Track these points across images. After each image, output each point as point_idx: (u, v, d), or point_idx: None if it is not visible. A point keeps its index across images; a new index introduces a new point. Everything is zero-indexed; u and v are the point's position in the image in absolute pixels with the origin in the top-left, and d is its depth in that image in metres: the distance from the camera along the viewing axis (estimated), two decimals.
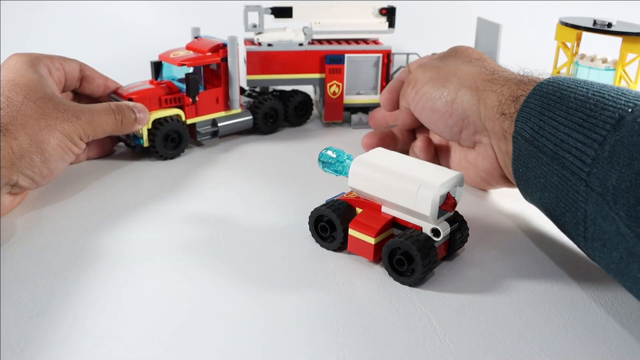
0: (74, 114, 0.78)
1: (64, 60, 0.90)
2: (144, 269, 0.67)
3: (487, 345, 0.56)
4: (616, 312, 0.61)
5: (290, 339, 0.56)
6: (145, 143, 0.94)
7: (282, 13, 1.10)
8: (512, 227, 0.78)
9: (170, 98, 0.95)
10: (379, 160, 0.69)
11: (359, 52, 1.10)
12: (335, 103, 1.13)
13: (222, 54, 0.99)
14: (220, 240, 0.73)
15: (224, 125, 1.03)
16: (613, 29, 0.92)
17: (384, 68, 1.12)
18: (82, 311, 0.59)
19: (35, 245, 0.71)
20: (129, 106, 0.88)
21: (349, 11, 1.13)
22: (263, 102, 1.07)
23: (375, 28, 1.14)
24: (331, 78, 1.10)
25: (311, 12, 1.11)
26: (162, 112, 0.94)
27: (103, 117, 0.83)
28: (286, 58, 1.09)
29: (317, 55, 1.10)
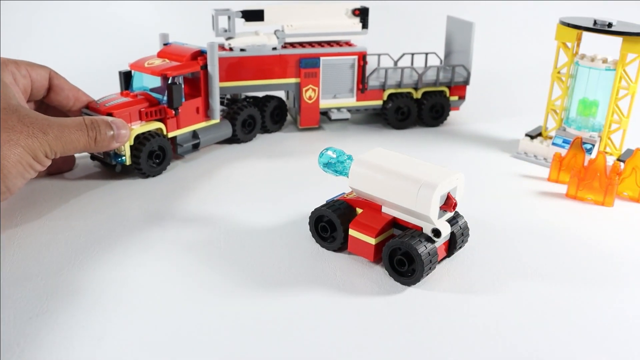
0: (40, 128, 0.71)
1: (31, 66, 0.83)
2: (144, 269, 0.67)
3: (487, 345, 0.56)
4: (616, 312, 0.61)
5: (290, 339, 0.56)
6: (128, 161, 0.86)
7: (253, 16, 1.06)
8: (512, 227, 0.78)
9: (151, 111, 0.88)
10: (379, 160, 0.69)
11: (335, 55, 1.08)
12: (312, 108, 1.10)
13: (201, 62, 0.93)
14: (220, 240, 0.73)
15: (205, 137, 0.98)
16: (613, 29, 0.92)
17: (359, 70, 1.10)
18: (82, 311, 0.59)
19: (35, 245, 0.71)
20: (106, 122, 0.80)
21: (322, 12, 1.09)
22: (241, 110, 1.03)
23: (349, 29, 1.11)
24: (307, 82, 1.07)
25: (283, 15, 1.07)
26: (144, 126, 0.87)
27: (74, 133, 0.75)
28: (260, 63, 1.04)
29: (291, 59, 1.06)
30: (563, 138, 0.98)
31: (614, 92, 0.94)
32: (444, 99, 1.16)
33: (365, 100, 1.13)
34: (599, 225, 0.79)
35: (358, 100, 1.13)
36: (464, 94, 1.19)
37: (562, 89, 1.01)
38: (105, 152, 0.86)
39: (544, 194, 0.89)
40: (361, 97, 1.12)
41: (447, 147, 1.07)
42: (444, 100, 1.16)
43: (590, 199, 0.86)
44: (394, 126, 1.15)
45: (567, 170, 0.91)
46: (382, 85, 1.12)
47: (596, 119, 0.98)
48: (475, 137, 1.13)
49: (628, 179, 0.86)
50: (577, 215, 0.82)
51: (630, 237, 0.76)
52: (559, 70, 1.01)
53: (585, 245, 0.74)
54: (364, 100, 1.13)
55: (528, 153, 1.03)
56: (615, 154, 0.98)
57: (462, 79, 1.17)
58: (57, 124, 0.74)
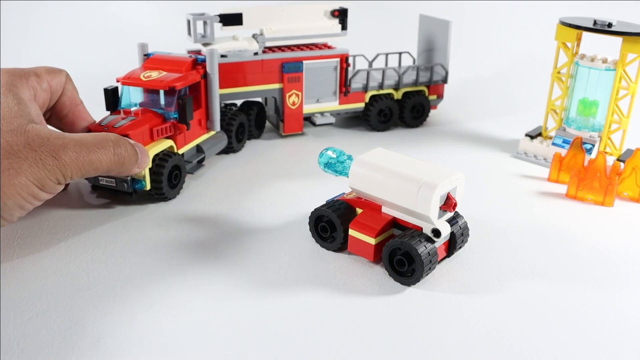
0: (51, 151, 0.63)
1: (51, 75, 0.77)
2: (143, 269, 0.67)
3: (487, 345, 0.56)
4: (616, 312, 0.61)
5: (290, 339, 0.56)
6: (148, 186, 0.79)
7: (231, 20, 1.00)
8: (512, 227, 0.78)
9: (161, 128, 0.81)
10: (379, 160, 0.69)
11: (317, 58, 1.04)
12: (295, 114, 1.06)
13: (201, 71, 0.87)
14: (220, 240, 0.73)
15: (208, 150, 0.93)
16: (613, 29, 0.92)
17: (342, 72, 1.07)
18: (82, 311, 0.59)
19: (36, 245, 0.71)
20: (130, 142, 0.72)
21: (301, 15, 1.05)
22: (234, 119, 0.99)
23: (329, 31, 1.07)
24: (290, 87, 1.03)
25: (262, 18, 1.02)
26: (157, 145, 0.80)
27: (95, 152, 0.67)
28: (241, 69, 1.00)
29: (274, 64, 1.02)
30: (563, 138, 0.98)
31: (614, 92, 0.94)
32: (424, 99, 1.15)
33: (347, 103, 1.11)
34: (599, 225, 0.79)
35: (341, 103, 1.10)
36: (442, 92, 1.18)
37: (562, 89, 1.01)
38: (119, 177, 0.78)
39: (544, 194, 0.89)
40: (344, 101, 1.10)
41: (446, 147, 1.07)
42: (424, 100, 1.15)
43: (590, 199, 0.86)
44: (376, 128, 1.14)
45: (567, 170, 0.91)
46: (365, 87, 1.10)
47: (596, 119, 0.98)
48: (476, 137, 1.13)
49: (628, 179, 0.86)
50: (577, 215, 0.82)
51: (630, 237, 0.76)
52: (559, 70, 1.01)
53: (585, 245, 0.74)
54: (346, 104, 1.11)
55: (528, 153, 1.03)
56: (615, 154, 0.98)
57: (440, 78, 1.16)
58: (74, 143, 0.66)
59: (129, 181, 0.78)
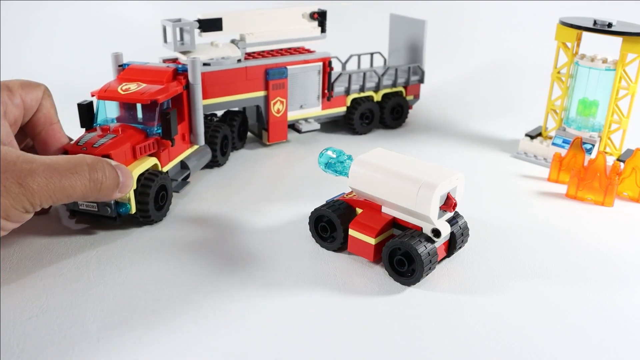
0: (17, 177, 0.57)
1: (26, 90, 0.70)
2: (143, 269, 0.67)
3: (486, 344, 0.56)
4: (616, 312, 0.61)
5: (290, 339, 0.56)
6: (133, 209, 0.72)
7: (211, 26, 0.93)
8: (512, 227, 0.78)
9: (144, 146, 0.74)
10: (379, 160, 0.69)
11: (301, 63, 1.00)
12: (280, 122, 1.02)
13: (183, 81, 0.80)
14: (220, 240, 0.73)
15: (192, 165, 0.86)
16: (613, 29, 0.92)
17: (325, 76, 1.04)
18: (82, 311, 0.59)
19: (36, 245, 0.71)
20: (110, 164, 0.65)
21: (281, 18, 1.01)
22: (218, 131, 0.93)
23: (309, 34, 1.03)
24: (275, 95, 0.99)
25: (242, 23, 0.97)
26: (141, 165, 0.73)
27: (69, 178, 0.60)
28: (225, 78, 0.94)
29: (258, 70, 0.96)
30: (563, 138, 0.98)
31: (614, 92, 0.94)
32: (403, 100, 1.15)
33: (330, 108, 1.08)
34: (599, 225, 0.79)
35: (324, 108, 1.07)
36: (418, 92, 1.18)
37: (562, 89, 1.01)
38: (103, 202, 0.71)
39: (544, 194, 0.89)
40: (327, 105, 1.07)
41: (446, 147, 1.07)
42: (403, 101, 1.15)
43: (590, 199, 0.86)
44: (359, 132, 1.12)
45: (567, 170, 0.91)
46: (347, 91, 1.08)
47: (596, 119, 0.98)
48: (475, 137, 1.13)
49: (628, 179, 0.86)
50: (577, 215, 0.82)
51: (630, 237, 0.76)
52: (559, 70, 1.01)
53: (585, 245, 0.74)
54: (329, 108, 1.08)
55: (528, 153, 1.03)
56: (615, 154, 0.98)
57: (417, 78, 1.16)
58: (44, 168, 0.59)
59: (113, 205, 0.71)
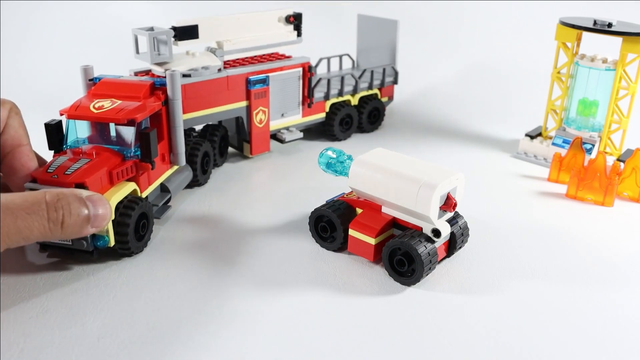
0: None
1: None
2: (144, 269, 0.67)
3: (486, 344, 0.56)
4: (616, 312, 0.61)
5: (290, 339, 0.56)
6: (112, 242, 0.65)
7: (186, 34, 0.87)
8: (512, 227, 0.78)
9: (122, 170, 0.67)
10: (379, 160, 0.69)
11: (282, 69, 0.95)
12: (263, 132, 0.96)
13: (162, 97, 0.73)
14: (220, 240, 0.73)
15: (173, 188, 0.79)
16: (613, 29, 0.92)
17: (305, 82, 1.00)
18: (82, 311, 0.59)
19: (35, 245, 0.71)
20: (78, 197, 0.57)
21: (258, 23, 0.96)
22: (198, 149, 0.85)
23: (286, 39, 1.00)
24: (257, 104, 0.93)
25: (218, 30, 0.91)
26: (119, 191, 0.65)
27: (24, 219, 0.52)
28: (208, 89, 0.87)
29: (239, 79, 0.90)
30: (563, 138, 0.98)
31: (614, 92, 0.94)
32: (379, 103, 1.13)
33: (310, 115, 1.04)
34: (599, 225, 0.79)
35: (304, 116, 1.03)
36: (392, 94, 1.16)
37: (562, 89, 1.01)
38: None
39: (544, 194, 0.89)
40: (307, 112, 1.03)
41: (446, 147, 1.07)
42: (379, 104, 1.13)
43: (590, 199, 0.86)
44: (338, 137, 1.08)
45: (567, 170, 0.91)
46: (326, 96, 1.04)
47: (596, 119, 0.98)
48: (475, 137, 1.13)
49: (628, 179, 0.86)
50: (577, 215, 0.82)
51: (630, 237, 0.76)
52: (559, 70, 1.01)
53: (585, 245, 0.74)
54: (309, 115, 1.04)
55: (528, 153, 1.03)
56: (615, 154, 0.98)
57: (391, 79, 1.14)
58: None
59: (89, 238, 0.63)
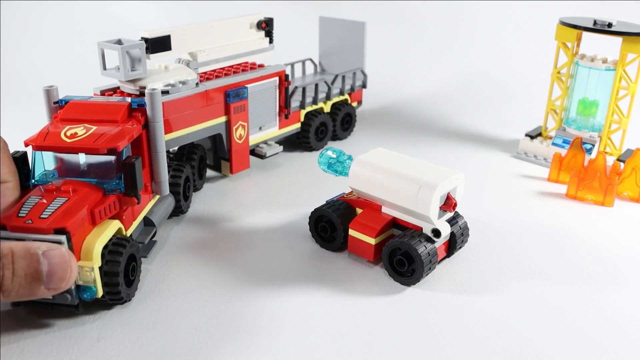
0: None
1: None
2: (144, 269, 0.67)
3: (486, 344, 0.56)
4: (616, 312, 0.61)
5: (290, 339, 0.56)
6: (100, 292, 0.56)
7: (159, 46, 0.78)
8: (512, 227, 0.78)
9: (104, 208, 0.59)
10: (379, 160, 0.69)
11: (260, 79, 0.89)
12: (242, 149, 0.89)
13: (141, 119, 0.64)
14: (220, 240, 0.73)
15: (156, 220, 0.71)
16: (613, 29, 0.92)
17: (282, 91, 0.94)
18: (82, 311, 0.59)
19: None
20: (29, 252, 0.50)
21: (231, 31, 0.89)
22: (179, 174, 0.77)
23: (259, 46, 0.93)
24: (237, 119, 0.86)
25: (191, 40, 0.83)
26: (103, 233, 0.57)
27: None
28: (187, 106, 0.78)
29: (219, 93, 0.83)
30: (563, 138, 0.98)
31: (614, 92, 0.94)
32: (351, 108, 1.10)
33: (286, 126, 0.98)
34: (599, 225, 0.79)
35: (281, 127, 0.97)
36: (361, 98, 1.13)
37: (562, 89, 1.01)
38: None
39: (544, 194, 0.89)
40: (284, 124, 0.97)
41: (446, 148, 1.07)
42: (352, 109, 1.10)
43: (590, 199, 0.86)
44: (314, 147, 1.03)
45: (567, 170, 0.91)
46: (302, 105, 0.99)
47: (596, 119, 0.98)
48: (475, 137, 1.13)
49: (628, 179, 0.86)
50: (577, 215, 0.82)
51: (630, 237, 0.76)
52: (559, 70, 1.01)
53: (585, 246, 0.74)
54: (285, 127, 0.98)
55: (528, 153, 1.03)
56: (615, 154, 0.98)
57: (360, 83, 1.11)
58: None
59: (73, 290, 0.55)
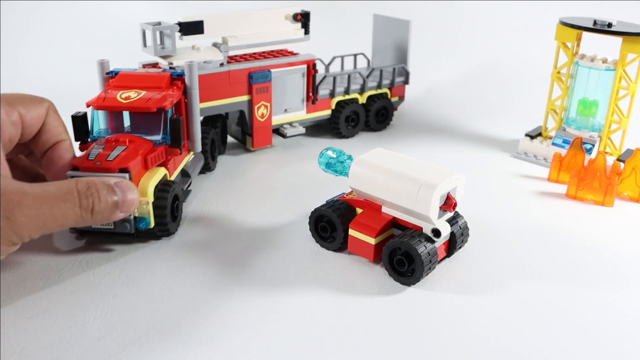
0: (5, 210, 0.54)
1: (27, 106, 0.65)
2: (144, 269, 0.67)
3: (486, 344, 0.56)
4: (616, 312, 0.61)
5: (290, 339, 0.56)
6: (152, 223, 0.70)
7: (192, 29, 0.92)
8: (512, 227, 0.78)
9: (154, 156, 0.71)
10: (379, 160, 0.69)
11: (285, 66, 0.99)
12: (264, 126, 1.00)
13: (181, 86, 0.78)
14: (220, 240, 0.73)
15: (193, 173, 0.85)
16: (613, 29, 0.92)
17: (309, 79, 1.02)
18: (82, 311, 0.59)
19: (35, 245, 0.71)
20: (106, 184, 0.61)
21: (263, 20, 0.99)
22: (206, 136, 0.90)
23: (292, 36, 1.02)
24: (259, 99, 0.97)
25: (223, 26, 0.96)
26: (155, 176, 0.70)
27: (59, 207, 0.57)
28: (209, 82, 0.91)
29: (241, 74, 0.94)
30: (563, 138, 0.98)
31: (614, 92, 0.94)
32: (388, 102, 1.13)
33: (315, 111, 1.06)
34: (599, 225, 0.79)
35: (308, 112, 1.05)
36: (403, 94, 1.16)
37: (562, 89, 1.01)
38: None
39: (544, 194, 0.89)
40: (311, 109, 1.05)
41: (446, 147, 1.07)
42: (388, 103, 1.13)
43: (590, 199, 0.86)
44: (345, 135, 1.10)
45: (567, 170, 0.91)
46: (331, 93, 1.06)
47: (596, 119, 0.98)
48: (475, 137, 1.13)
49: (628, 179, 0.86)
50: (577, 215, 0.82)
51: (630, 237, 0.76)
52: (559, 70, 1.01)
53: (585, 245, 0.74)
54: (314, 112, 1.06)
55: (528, 153, 1.03)
56: (615, 154, 0.98)
57: (402, 79, 1.14)
58: (33, 198, 0.56)
59: (132, 221, 0.67)
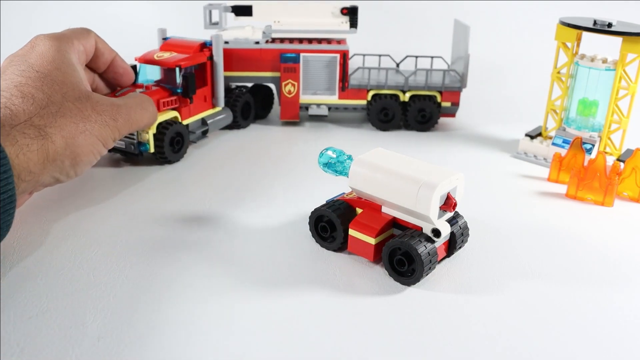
0: (111, 115, 0.74)
1: (85, 39, 0.81)
2: (144, 269, 0.67)
3: (486, 344, 0.56)
4: (616, 312, 0.61)
5: (290, 339, 0.56)
6: (152, 149, 0.92)
7: (242, 11, 1.14)
8: (512, 227, 0.78)
9: (167, 101, 0.94)
10: (379, 160, 0.69)
11: (314, 52, 1.11)
12: (291, 102, 1.13)
13: (207, 53, 1.02)
14: (220, 240, 0.73)
15: (212, 123, 1.06)
16: (613, 29, 0.92)
17: (340, 68, 1.11)
18: (82, 311, 0.59)
19: (35, 245, 0.71)
20: (150, 99, 0.87)
21: (310, 11, 1.14)
22: (239, 98, 1.11)
23: (336, 28, 1.14)
24: (286, 77, 1.12)
25: (271, 11, 1.13)
26: (163, 115, 0.93)
27: (138, 113, 0.81)
28: (242, 56, 1.11)
29: (272, 53, 1.11)
30: (563, 138, 0.98)
31: (614, 92, 0.94)
32: (433, 104, 1.11)
33: (348, 98, 1.14)
34: (599, 225, 0.79)
35: (340, 98, 1.14)
36: (457, 100, 1.13)
37: (562, 89, 1.01)
38: (129, 141, 0.92)
39: (544, 194, 0.89)
40: (343, 96, 1.14)
41: (446, 147, 1.07)
42: (433, 106, 1.12)
43: (590, 199, 0.86)
44: (376, 126, 1.15)
45: (567, 170, 0.91)
46: (366, 85, 1.12)
47: (596, 119, 0.98)
48: (475, 137, 1.13)
49: (628, 179, 0.86)
50: (577, 215, 0.82)
51: (630, 237, 0.76)
52: (559, 70, 1.01)
53: (585, 245, 0.74)
54: (346, 99, 1.14)
55: (528, 153, 1.03)
56: (615, 154, 0.98)
57: (456, 84, 1.12)
58: (125, 107, 0.78)
59: (136, 144, 0.92)
